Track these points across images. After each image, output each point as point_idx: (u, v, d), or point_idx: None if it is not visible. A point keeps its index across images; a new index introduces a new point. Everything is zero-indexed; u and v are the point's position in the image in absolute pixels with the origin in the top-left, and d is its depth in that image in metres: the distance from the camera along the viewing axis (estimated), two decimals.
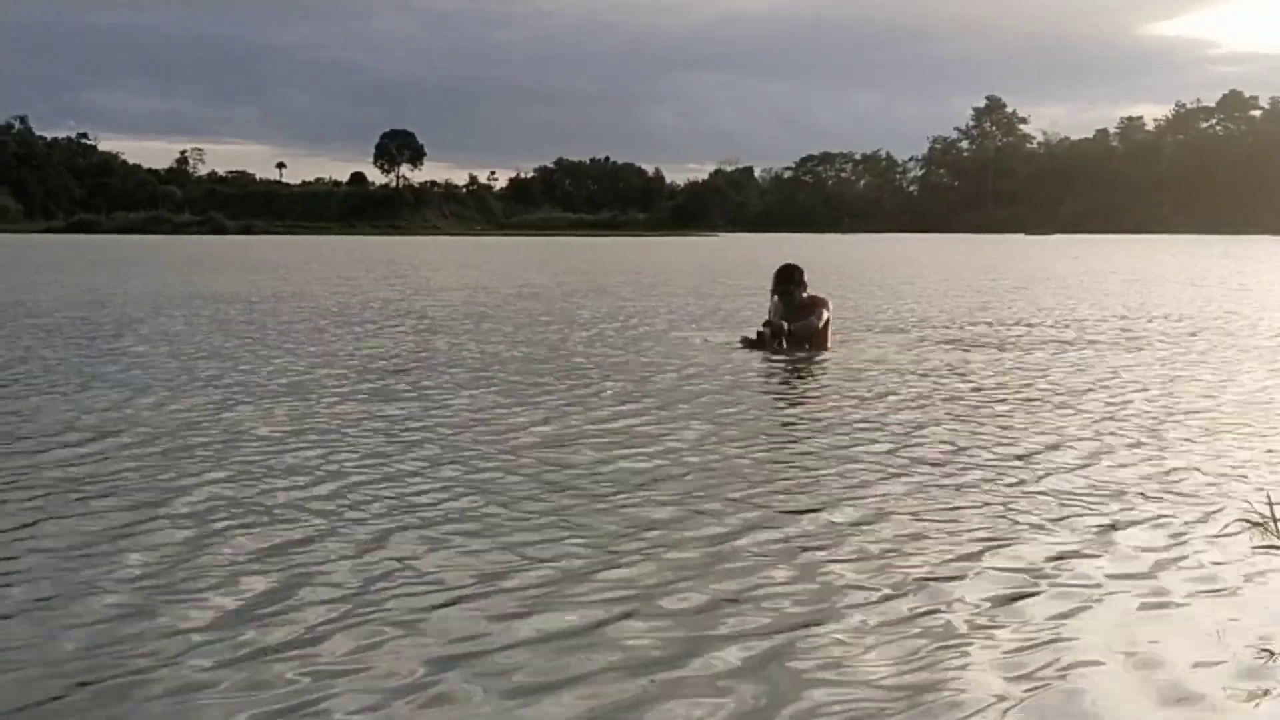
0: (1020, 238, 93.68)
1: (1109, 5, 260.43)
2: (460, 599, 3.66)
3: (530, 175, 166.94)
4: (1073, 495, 5.07)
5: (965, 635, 3.37)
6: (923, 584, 3.81)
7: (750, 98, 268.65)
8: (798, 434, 6.52)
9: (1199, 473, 5.54)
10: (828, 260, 37.41)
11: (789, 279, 10.91)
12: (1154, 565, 4.04)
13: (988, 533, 4.44)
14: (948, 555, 4.13)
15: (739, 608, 3.57)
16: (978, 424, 6.90)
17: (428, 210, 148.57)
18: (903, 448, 6.14)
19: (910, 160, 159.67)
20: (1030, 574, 3.94)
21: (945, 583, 3.82)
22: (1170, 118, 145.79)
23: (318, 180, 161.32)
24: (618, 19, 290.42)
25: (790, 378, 9.00)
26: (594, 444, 6.18)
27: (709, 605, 3.59)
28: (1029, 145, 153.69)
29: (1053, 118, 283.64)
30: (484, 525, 4.52)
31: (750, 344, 10.74)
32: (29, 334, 12.00)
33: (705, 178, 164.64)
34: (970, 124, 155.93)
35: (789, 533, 4.41)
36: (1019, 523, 4.60)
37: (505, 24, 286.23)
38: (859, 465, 5.69)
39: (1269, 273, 30.39)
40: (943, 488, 5.23)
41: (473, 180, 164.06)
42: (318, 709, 2.87)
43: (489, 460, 5.74)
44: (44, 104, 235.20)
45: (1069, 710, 2.89)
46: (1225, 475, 5.48)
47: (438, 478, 5.36)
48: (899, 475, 5.46)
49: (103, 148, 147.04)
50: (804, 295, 10.87)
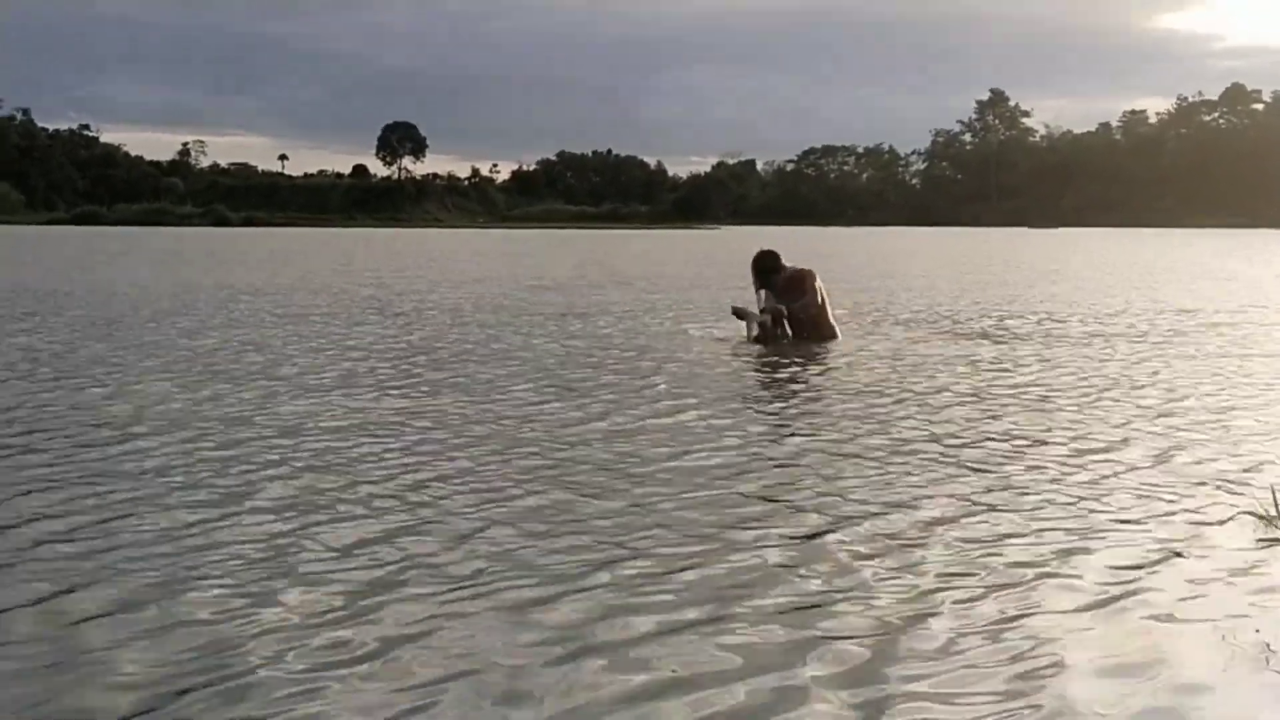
0: (1024, 231, 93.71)
1: None
2: (563, 592, 3.64)
3: (532, 168, 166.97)
4: (1079, 488, 5.08)
5: (964, 630, 3.37)
6: (926, 579, 3.81)
7: (753, 90, 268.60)
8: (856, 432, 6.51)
9: (1207, 466, 5.54)
10: (839, 252, 37.37)
11: (767, 268, 10.57)
12: (1159, 559, 4.04)
13: (991, 528, 4.43)
14: (950, 551, 4.13)
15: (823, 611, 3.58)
16: (988, 417, 6.89)
17: (430, 202, 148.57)
18: (907, 442, 6.12)
19: (913, 153, 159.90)
20: (1034, 566, 3.94)
21: (945, 579, 3.82)
22: (1173, 111, 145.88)
23: (320, 172, 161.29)
24: (620, 11, 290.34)
25: (822, 377, 8.97)
26: (652, 439, 6.18)
27: (797, 606, 3.60)
28: (1032, 138, 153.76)
29: (1056, 111, 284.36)
30: (571, 516, 4.51)
31: (756, 340, 10.37)
32: (70, 327, 11.98)
33: (707, 170, 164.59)
34: (973, 117, 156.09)
35: (881, 530, 4.41)
36: (1024, 515, 4.61)
37: (507, 15, 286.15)
38: (870, 461, 5.68)
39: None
40: (948, 481, 5.23)
41: (475, 172, 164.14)
42: (428, 705, 2.86)
43: (559, 452, 5.74)
44: (46, 96, 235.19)
45: (1069, 708, 2.87)
46: (1234, 468, 5.48)
47: (517, 471, 5.34)
48: (908, 473, 5.42)
49: (105, 139, 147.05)
50: (786, 273, 10.58)
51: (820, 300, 10.58)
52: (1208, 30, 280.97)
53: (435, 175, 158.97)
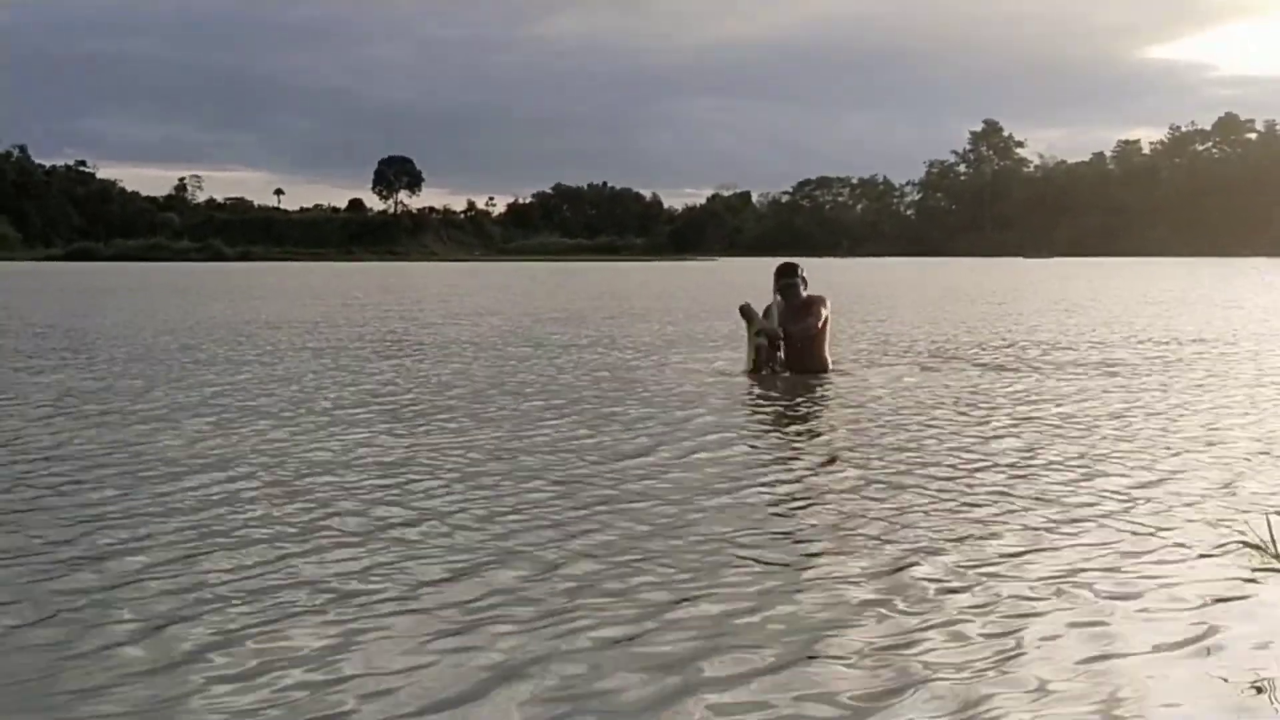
0: (1020, 261, 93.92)
1: (1106, 28, 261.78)
2: (652, 629, 3.65)
3: (528, 201, 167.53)
4: (1073, 516, 5.12)
5: (950, 658, 3.39)
6: (914, 603, 3.84)
7: (747, 122, 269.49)
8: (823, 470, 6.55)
9: (1201, 494, 5.58)
10: (845, 284, 37.45)
11: (793, 273, 10.73)
12: (1151, 586, 4.07)
13: (981, 553, 4.48)
14: (938, 575, 4.16)
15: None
16: (982, 444, 6.99)
17: (426, 236, 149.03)
18: (901, 467, 6.24)
19: (907, 184, 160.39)
20: (1028, 595, 3.97)
21: (931, 601, 3.86)
22: (1166, 141, 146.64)
23: (316, 207, 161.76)
24: (615, 44, 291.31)
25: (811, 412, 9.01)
26: (703, 474, 6.22)
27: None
28: (1025, 169, 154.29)
29: (1049, 141, 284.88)
30: (642, 552, 4.53)
31: (753, 368, 10.51)
32: (106, 364, 11.97)
33: (703, 202, 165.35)
34: (967, 147, 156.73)
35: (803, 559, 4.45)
36: (1017, 542, 4.66)
37: (503, 49, 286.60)
38: (867, 482, 5.80)
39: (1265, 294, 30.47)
40: (939, 506, 5.29)
41: (471, 206, 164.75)
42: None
43: (620, 486, 5.76)
44: (42, 132, 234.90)
45: None
46: (1228, 497, 5.52)
47: (580, 504, 5.35)
48: (899, 492, 5.56)
49: (101, 175, 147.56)
50: (805, 294, 10.74)
51: (820, 325, 10.66)
52: (1201, 60, 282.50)
53: (431, 209, 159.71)
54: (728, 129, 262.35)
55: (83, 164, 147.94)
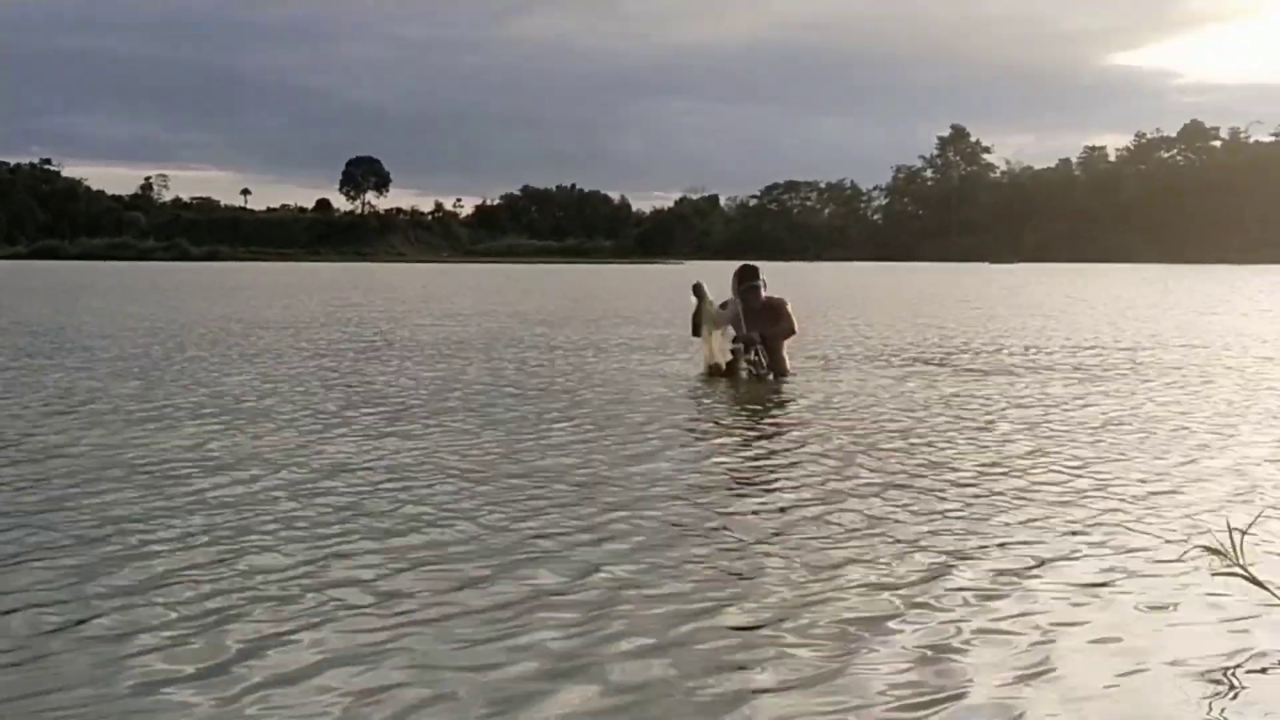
0: (986, 266, 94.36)
1: (1073, 35, 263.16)
2: (693, 631, 3.68)
3: (496, 202, 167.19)
4: (1033, 522, 5.18)
5: (908, 668, 3.41)
6: (862, 616, 3.85)
7: (716, 126, 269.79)
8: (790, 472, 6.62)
9: (1161, 498, 5.67)
10: (822, 291, 37.51)
11: (754, 276, 10.78)
12: (1112, 591, 4.12)
13: (941, 560, 4.51)
14: (890, 585, 4.19)
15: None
16: (943, 449, 7.04)
17: (393, 237, 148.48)
18: (865, 471, 6.32)
19: (875, 189, 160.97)
20: (992, 597, 4.04)
21: (884, 615, 3.86)
22: (1132, 148, 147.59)
23: (283, 207, 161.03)
24: (585, 46, 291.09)
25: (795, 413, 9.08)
26: (715, 480, 6.26)
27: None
28: (992, 174, 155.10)
29: (1016, 147, 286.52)
30: (678, 554, 4.57)
31: (724, 369, 10.56)
32: (101, 365, 11.85)
33: (671, 205, 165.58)
34: (934, 153, 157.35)
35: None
36: (984, 547, 4.72)
37: (472, 50, 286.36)
38: (827, 483, 5.94)
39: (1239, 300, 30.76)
40: (897, 512, 5.34)
41: (438, 207, 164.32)
42: None
43: (644, 491, 5.79)
44: (6, 130, 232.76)
45: None
46: (1188, 501, 5.61)
47: (607, 508, 5.35)
48: (857, 498, 5.63)
49: (66, 173, 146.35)
50: (764, 300, 10.76)
51: (787, 324, 10.80)
52: (1167, 67, 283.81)
53: (399, 210, 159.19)
54: (697, 132, 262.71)
55: (48, 162, 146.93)
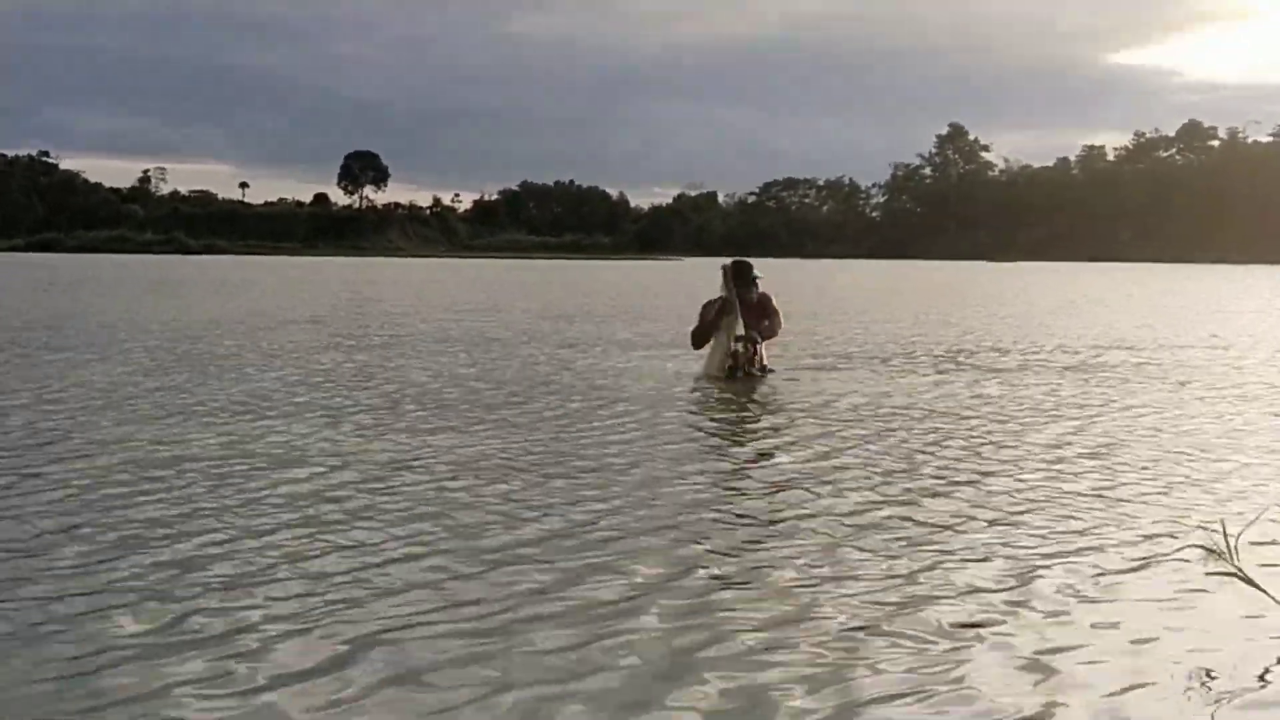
0: (985, 264, 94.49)
1: (1072, 35, 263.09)
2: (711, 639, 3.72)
3: (494, 198, 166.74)
4: (1031, 522, 5.23)
5: (909, 667, 3.46)
6: (858, 617, 3.90)
7: (715, 122, 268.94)
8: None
9: (1158, 498, 5.74)
10: (824, 289, 37.57)
11: (748, 276, 10.90)
12: (1108, 591, 4.17)
13: (939, 560, 4.56)
14: (889, 585, 4.23)
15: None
16: (943, 449, 7.15)
17: (391, 232, 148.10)
18: (864, 473, 6.37)
19: (873, 186, 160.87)
20: (990, 597, 4.09)
21: (881, 613, 3.92)
22: (1130, 147, 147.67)
23: (281, 201, 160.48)
24: (584, 43, 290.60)
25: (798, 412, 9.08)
26: (750, 482, 6.26)
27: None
28: (990, 172, 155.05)
29: (1014, 145, 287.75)
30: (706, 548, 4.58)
31: (729, 369, 10.63)
32: (141, 359, 12.00)
33: (669, 202, 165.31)
34: (932, 150, 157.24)
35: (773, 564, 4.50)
36: (985, 547, 4.76)
37: (471, 47, 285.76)
38: (831, 484, 6.04)
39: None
40: (897, 511, 5.40)
41: (436, 202, 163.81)
42: None
43: (689, 495, 5.81)
44: (4, 122, 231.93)
45: None
46: (1184, 501, 5.68)
47: (656, 513, 5.40)
48: (856, 499, 5.68)
49: (64, 166, 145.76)
50: (756, 294, 10.89)
51: (778, 326, 10.99)
52: (1166, 66, 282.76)
53: (397, 205, 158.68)
54: (695, 129, 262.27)
55: (46, 154, 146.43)
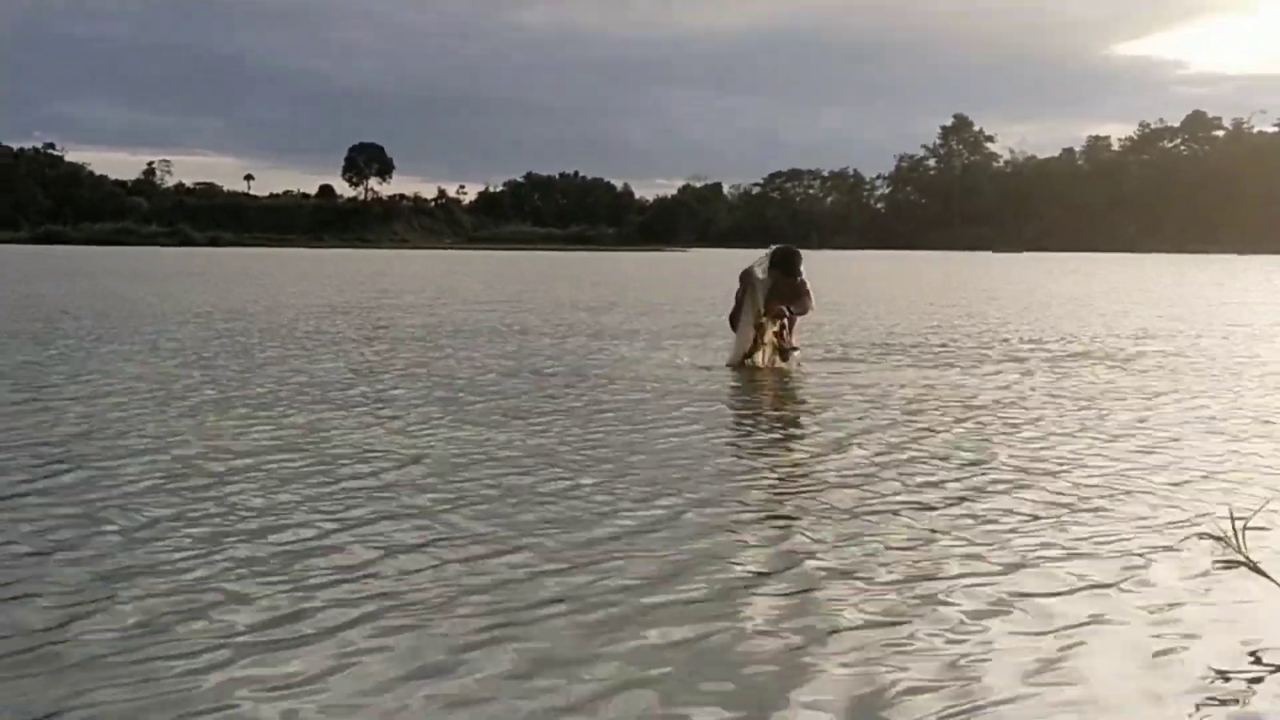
0: (991, 255, 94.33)
1: (1077, 25, 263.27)
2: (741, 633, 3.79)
3: (499, 189, 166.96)
4: (1036, 508, 5.27)
5: (915, 651, 3.49)
6: (868, 604, 3.91)
7: (719, 114, 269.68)
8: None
9: (1164, 487, 5.76)
10: (841, 279, 37.55)
11: (794, 265, 10.95)
12: (1114, 578, 4.20)
13: (945, 549, 4.60)
14: (897, 576, 4.24)
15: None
16: (947, 439, 7.14)
17: (396, 223, 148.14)
18: (872, 464, 6.35)
19: (878, 177, 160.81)
20: (996, 585, 4.11)
21: (889, 600, 3.95)
22: (1135, 137, 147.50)
23: (285, 193, 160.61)
24: (589, 33, 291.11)
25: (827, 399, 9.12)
26: (785, 474, 6.34)
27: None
28: (995, 163, 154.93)
29: (1019, 136, 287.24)
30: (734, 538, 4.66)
31: (747, 355, 10.71)
32: (170, 350, 12.07)
33: (674, 193, 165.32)
34: (937, 141, 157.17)
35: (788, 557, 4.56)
36: (991, 534, 4.81)
37: (475, 37, 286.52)
38: (830, 476, 6.04)
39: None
40: (903, 502, 5.42)
41: (441, 194, 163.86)
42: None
43: (719, 487, 5.88)
44: (10, 115, 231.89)
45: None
46: (1191, 489, 5.71)
47: (679, 510, 5.45)
48: (861, 491, 5.66)
49: (70, 159, 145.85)
50: (795, 281, 10.94)
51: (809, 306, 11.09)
52: (1171, 57, 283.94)
53: (402, 196, 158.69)
54: (700, 120, 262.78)
55: (51, 147, 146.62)
